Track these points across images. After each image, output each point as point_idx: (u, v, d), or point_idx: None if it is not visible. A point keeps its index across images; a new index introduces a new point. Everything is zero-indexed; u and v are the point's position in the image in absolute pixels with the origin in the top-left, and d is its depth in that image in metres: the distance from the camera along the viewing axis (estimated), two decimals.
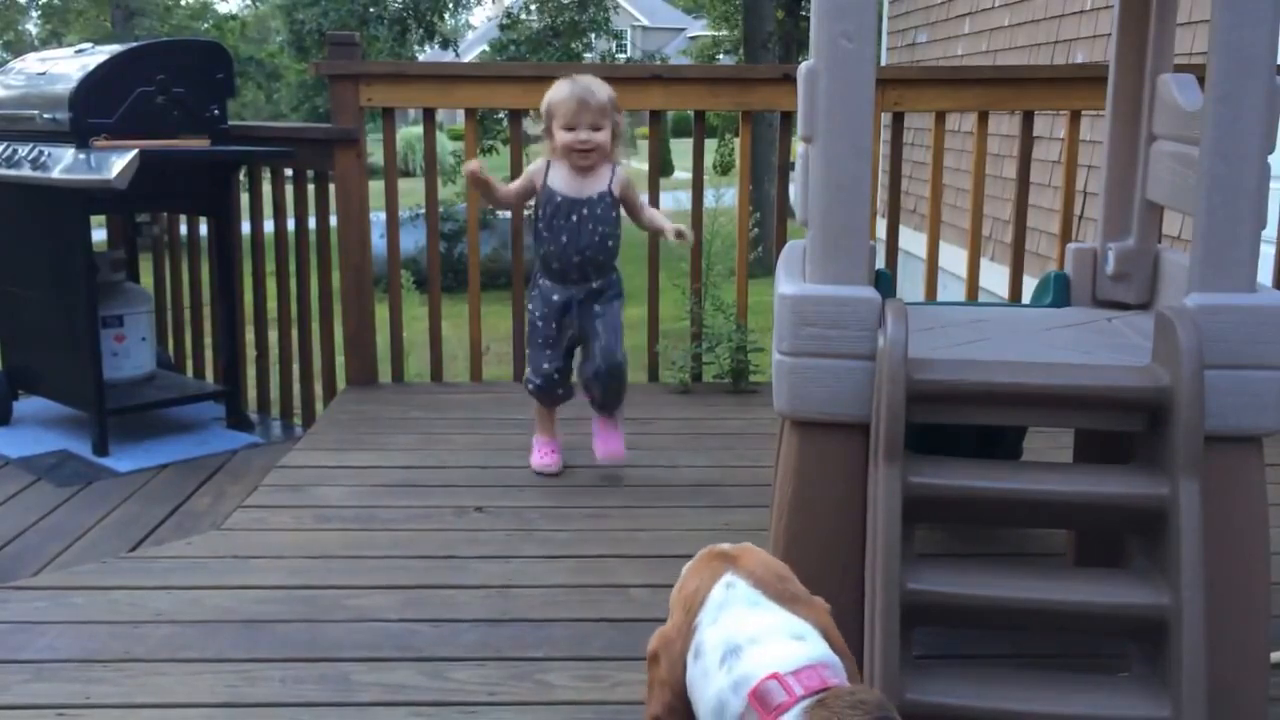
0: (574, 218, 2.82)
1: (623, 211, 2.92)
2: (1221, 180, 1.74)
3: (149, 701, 1.93)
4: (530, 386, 2.97)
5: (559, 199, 2.82)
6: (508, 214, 4.49)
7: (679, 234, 2.87)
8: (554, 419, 3.04)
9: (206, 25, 24.74)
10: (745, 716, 1.15)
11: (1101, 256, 2.27)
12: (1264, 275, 1.84)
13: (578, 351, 3.00)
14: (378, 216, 3.97)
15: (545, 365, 2.93)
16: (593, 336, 2.89)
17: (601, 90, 2.80)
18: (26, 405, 4.01)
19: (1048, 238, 5.02)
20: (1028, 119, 3.81)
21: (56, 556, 2.82)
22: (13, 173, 3.61)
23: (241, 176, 4.14)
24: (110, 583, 2.40)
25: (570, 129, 2.78)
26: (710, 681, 1.20)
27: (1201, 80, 1.84)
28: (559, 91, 2.81)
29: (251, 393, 4.22)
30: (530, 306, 2.96)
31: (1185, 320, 1.70)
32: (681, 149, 15.07)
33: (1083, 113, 3.80)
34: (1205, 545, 1.63)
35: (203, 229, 4.26)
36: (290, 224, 4.02)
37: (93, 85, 3.53)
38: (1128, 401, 1.74)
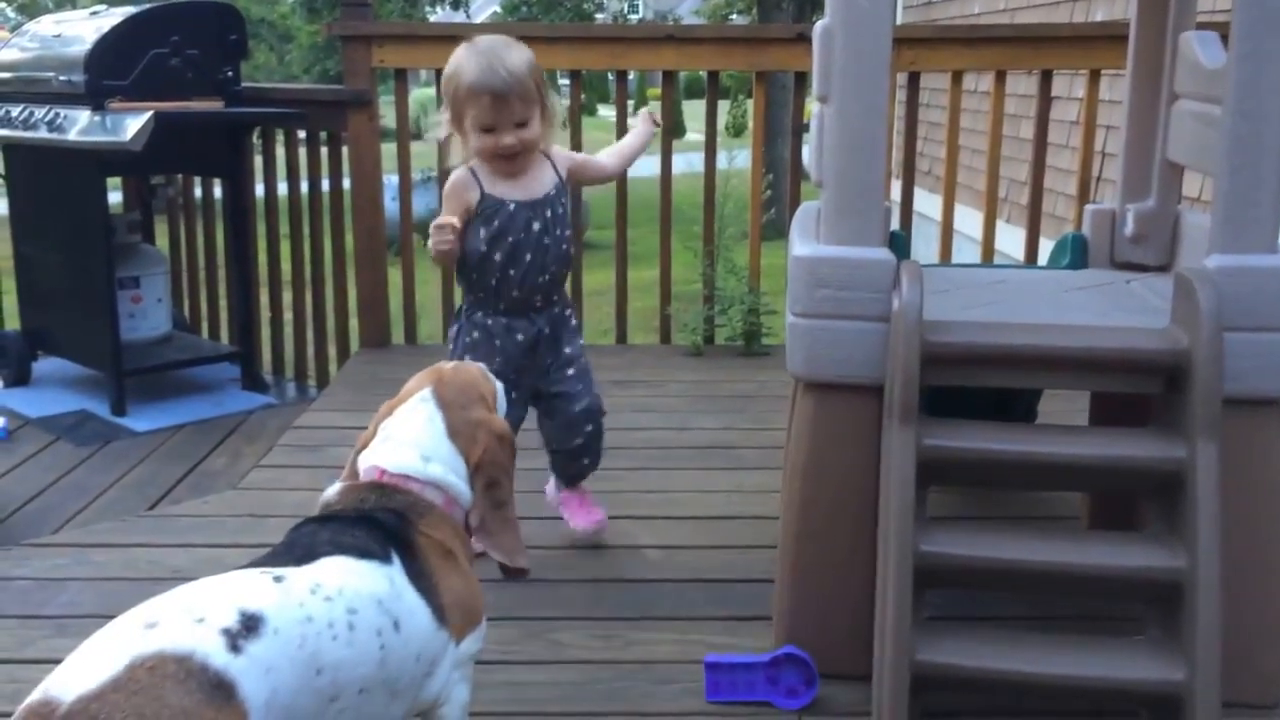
0: (535, 226, 2.17)
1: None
2: (1244, 140, 1.72)
3: None
4: None
5: (511, 207, 2.16)
6: None
7: (652, 119, 2.37)
8: None
9: None
10: None
11: (1120, 218, 2.25)
12: None
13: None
14: (390, 179, 3.97)
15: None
16: (560, 379, 2.25)
17: (520, 64, 2.09)
18: (45, 366, 4.04)
19: (1065, 199, 4.97)
20: (1046, 78, 3.76)
21: (76, 514, 2.85)
22: (30, 135, 3.62)
23: (255, 139, 4.13)
24: (129, 540, 2.43)
25: (488, 130, 2.11)
26: None
27: (1224, 38, 1.81)
28: (463, 74, 2.09)
29: (266, 354, 4.24)
30: (473, 356, 2.18)
31: (1205, 282, 1.68)
32: (693, 110, 14.96)
33: (1102, 72, 3.75)
34: (1222, 509, 1.63)
35: (217, 191, 4.26)
36: (304, 186, 4.01)
37: (107, 47, 3.53)
38: (1146, 364, 1.73)
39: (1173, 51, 2.12)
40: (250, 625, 1.18)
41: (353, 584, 1.31)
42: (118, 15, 3.69)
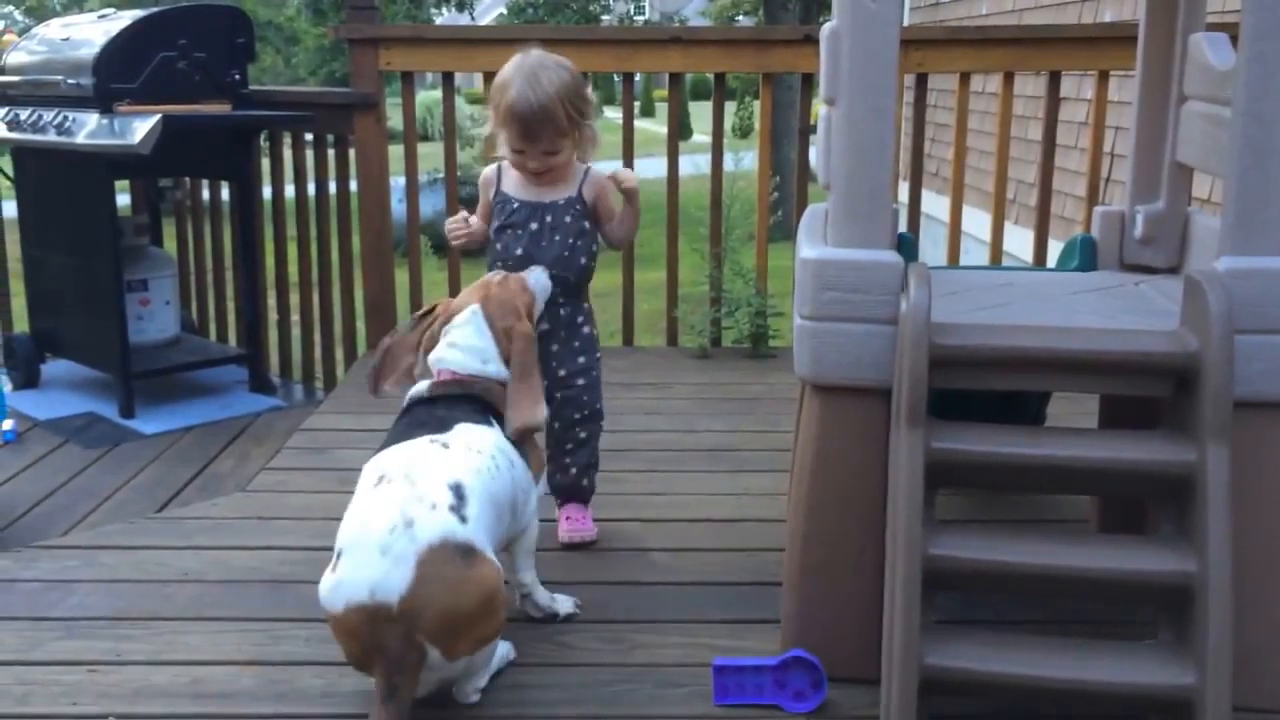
0: (533, 225, 2.28)
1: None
2: (1254, 141, 1.71)
3: (177, 659, 1.96)
4: None
5: (515, 204, 2.29)
6: None
7: (623, 186, 2.33)
8: None
9: None
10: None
11: (1130, 219, 2.24)
12: None
13: None
14: (397, 181, 3.97)
15: None
16: (570, 386, 2.32)
17: (554, 95, 2.16)
18: (54, 368, 4.05)
19: (1073, 201, 4.96)
20: (1054, 80, 3.75)
21: (85, 516, 2.86)
22: (38, 138, 3.63)
23: (262, 141, 4.14)
24: (138, 543, 2.43)
25: (519, 152, 2.25)
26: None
27: (1234, 39, 1.80)
28: (506, 91, 2.19)
29: (274, 356, 4.25)
30: None
31: (1215, 284, 1.68)
32: (699, 112, 14.94)
33: (1111, 73, 3.74)
34: (1233, 512, 1.62)
35: (224, 194, 4.27)
36: (310, 189, 4.02)
37: (116, 50, 3.54)
38: (1155, 367, 1.73)
39: (1182, 53, 2.11)
40: (460, 495, 1.70)
41: (487, 439, 1.85)
42: (126, 18, 3.69)
